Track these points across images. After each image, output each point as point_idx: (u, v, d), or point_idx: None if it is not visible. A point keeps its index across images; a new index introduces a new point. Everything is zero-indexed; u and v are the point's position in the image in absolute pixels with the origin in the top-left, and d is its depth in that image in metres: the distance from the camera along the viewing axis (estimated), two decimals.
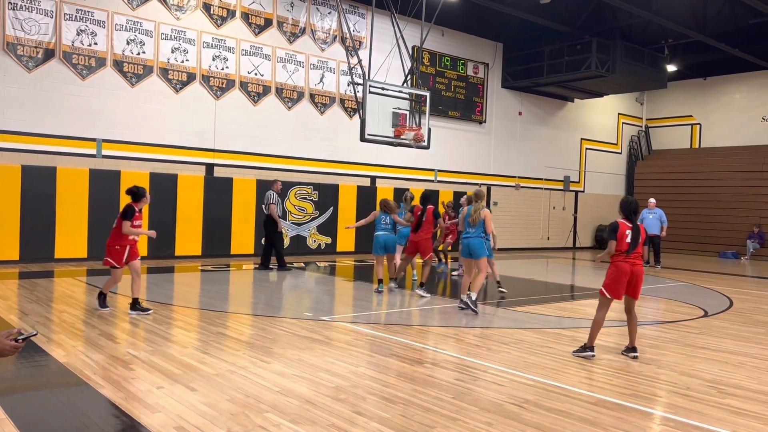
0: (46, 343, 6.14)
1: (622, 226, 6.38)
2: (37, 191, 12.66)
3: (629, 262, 6.32)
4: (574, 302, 10.81)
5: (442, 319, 8.57)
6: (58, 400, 4.62)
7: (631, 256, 6.34)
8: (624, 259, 6.33)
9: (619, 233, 6.34)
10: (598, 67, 19.16)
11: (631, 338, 6.54)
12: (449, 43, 19.65)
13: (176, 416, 4.27)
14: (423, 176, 19.32)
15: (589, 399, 4.98)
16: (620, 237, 6.33)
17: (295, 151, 16.55)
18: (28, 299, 8.64)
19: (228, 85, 15.38)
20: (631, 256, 6.34)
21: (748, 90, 23.87)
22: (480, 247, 8.89)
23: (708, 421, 4.56)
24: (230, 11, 15.36)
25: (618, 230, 6.37)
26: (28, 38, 12.69)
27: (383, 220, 10.59)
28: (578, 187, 24.46)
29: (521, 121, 22.20)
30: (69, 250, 13.10)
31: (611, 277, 6.41)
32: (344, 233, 17.17)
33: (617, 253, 6.36)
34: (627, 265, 6.32)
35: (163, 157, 14.50)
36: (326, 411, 4.47)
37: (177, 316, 7.98)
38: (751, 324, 8.78)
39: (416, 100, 13.48)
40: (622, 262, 6.33)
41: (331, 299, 10.20)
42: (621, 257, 6.34)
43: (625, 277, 6.34)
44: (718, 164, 23.47)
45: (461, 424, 4.29)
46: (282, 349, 6.27)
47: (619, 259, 6.35)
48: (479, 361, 6.10)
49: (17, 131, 12.69)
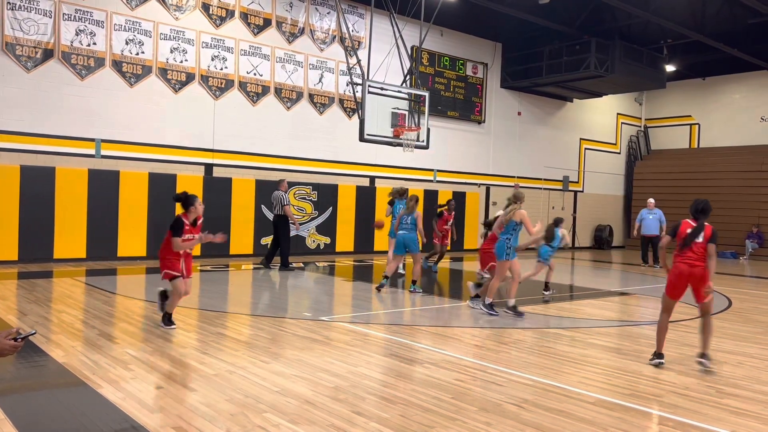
0: (44, 344, 6.13)
1: (684, 225, 6.19)
2: (36, 191, 12.65)
3: (687, 263, 6.06)
4: (573, 302, 10.80)
5: (442, 319, 8.57)
6: (57, 401, 4.62)
7: (687, 256, 6.06)
8: (682, 260, 6.09)
9: (679, 231, 6.16)
10: (597, 67, 19.17)
11: (703, 343, 6.15)
12: (448, 43, 19.65)
13: (175, 416, 4.27)
14: (422, 176, 19.32)
15: (589, 399, 4.98)
16: (679, 234, 6.15)
17: (294, 151, 16.55)
18: (27, 299, 8.63)
19: (227, 85, 15.38)
20: (688, 255, 6.06)
21: (747, 90, 23.89)
22: (499, 250, 8.55)
23: (707, 421, 4.56)
24: (229, 11, 15.36)
25: (678, 228, 6.19)
26: (26, 38, 12.67)
27: (405, 219, 10.64)
28: (577, 187, 24.47)
29: (520, 121, 22.21)
30: (68, 250, 13.08)
31: (669, 277, 6.22)
32: (344, 233, 17.18)
33: (676, 253, 6.14)
34: (684, 266, 6.06)
35: (162, 157, 14.49)
36: (325, 411, 4.46)
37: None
38: (749, 324, 8.78)
39: (415, 100, 13.49)
40: (681, 262, 6.10)
41: (331, 299, 10.20)
42: (680, 257, 6.12)
43: (683, 278, 6.09)
44: (716, 164, 23.49)
45: (460, 424, 4.29)
46: (281, 349, 6.26)
47: (678, 260, 6.14)
48: (478, 361, 6.10)
49: (16, 131, 12.68)
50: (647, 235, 16.97)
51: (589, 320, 8.70)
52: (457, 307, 9.59)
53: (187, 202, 7.03)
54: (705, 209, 6.17)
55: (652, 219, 16.87)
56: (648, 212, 17.05)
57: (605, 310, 9.79)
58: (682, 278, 6.10)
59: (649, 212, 17.03)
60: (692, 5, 18.15)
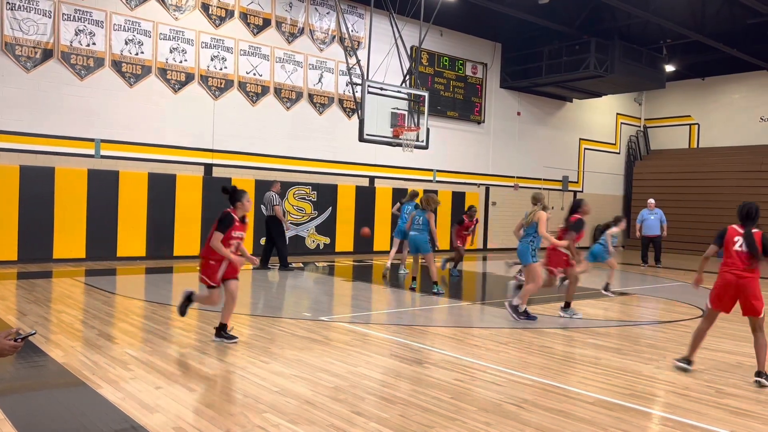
0: (44, 344, 6.13)
1: (731, 232, 5.77)
2: (36, 191, 12.65)
3: (734, 273, 5.66)
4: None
5: (441, 319, 8.57)
6: (56, 401, 4.62)
7: (734, 265, 5.68)
8: (729, 270, 5.71)
9: (726, 238, 5.75)
10: (596, 67, 19.17)
11: (758, 361, 5.75)
12: (448, 43, 19.65)
13: (175, 416, 4.27)
14: (421, 176, 19.32)
15: (588, 399, 4.98)
16: (727, 243, 5.73)
17: (293, 151, 16.54)
18: (27, 299, 8.63)
19: (226, 86, 15.37)
20: (734, 265, 5.68)
21: (747, 90, 23.89)
22: (523, 254, 8.38)
23: (706, 421, 4.56)
24: (229, 11, 15.35)
25: (724, 235, 5.78)
26: (26, 38, 12.67)
27: (417, 220, 10.66)
28: (577, 187, 24.46)
29: (520, 121, 22.21)
30: (67, 250, 13.08)
31: (714, 286, 5.85)
32: (343, 233, 17.18)
33: (723, 262, 5.78)
34: (731, 276, 5.68)
35: (162, 157, 14.48)
36: (325, 411, 4.47)
37: (176, 316, 7.97)
38: (748, 323, 8.77)
39: (415, 100, 13.50)
40: (727, 272, 5.72)
41: (330, 299, 10.20)
42: (726, 267, 5.75)
43: (729, 288, 5.71)
44: (716, 164, 23.48)
45: (460, 424, 4.29)
46: (281, 350, 6.26)
47: (723, 269, 5.76)
48: (478, 361, 6.10)
49: (15, 131, 12.67)
50: (648, 236, 17.02)
51: (589, 320, 8.70)
52: (457, 307, 9.60)
53: (235, 196, 6.39)
54: (751, 214, 5.72)
55: (653, 219, 16.90)
56: (649, 212, 17.06)
57: (605, 310, 9.79)
58: (729, 289, 5.71)
59: (650, 213, 17.05)
60: (692, 5, 18.15)
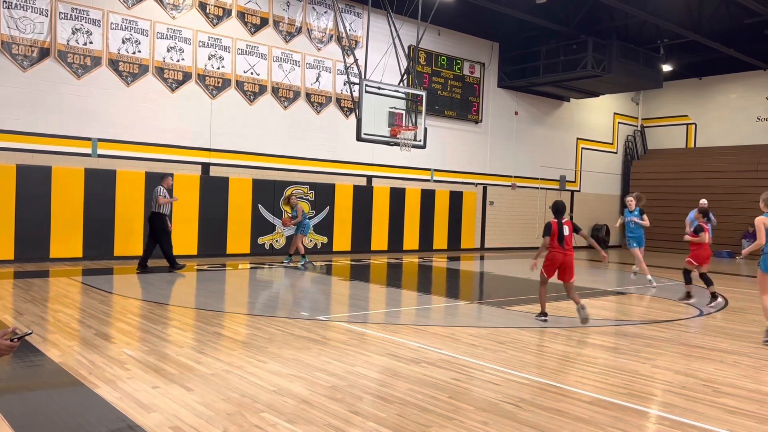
0: (41, 343, 6.11)
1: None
2: (33, 191, 12.62)
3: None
4: (570, 301, 10.81)
5: (438, 318, 8.58)
6: (53, 401, 4.61)
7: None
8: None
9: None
10: (593, 66, 19.20)
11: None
12: (445, 42, 19.66)
13: (172, 416, 4.26)
14: (419, 176, 19.32)
15: (585, 398, 4.98)
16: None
17: (291, 150, 16.53)
18: (24, 299, 8.61)
19: (224, 85, 15.36)
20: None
21: (744, 90, 23.95)
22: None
23: (704, 420, 4.57)
24: (226, 10, 15.33)
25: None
26: (23, 37, 12.64)
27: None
28: (574, 186, 24.50)
29: (517, 120, 22.23)
30: (64, 249, 13.06)
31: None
32: (341, 232, 17.17)
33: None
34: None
35: (159, 156, 14.46)
36: (322, 410, 4.46)
37: (173, 315, 7.97)
38: (746, 323, 8.81)
39: (412, 100, 13.50)
40: None
41: (327, 299, 10.20)
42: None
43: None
44: (713, 164, 23.54)
45: (457, 424, 4.29)
46: (278, 349, 6.26)
47: None
48: (475, 360, 6.10)
49: (12, 130, 12.65)
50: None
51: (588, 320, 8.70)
52: (454, 306, 9.61)
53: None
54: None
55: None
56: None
57: (602, 309, 9.80)
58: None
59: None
60: (689, 5, 18.18)
